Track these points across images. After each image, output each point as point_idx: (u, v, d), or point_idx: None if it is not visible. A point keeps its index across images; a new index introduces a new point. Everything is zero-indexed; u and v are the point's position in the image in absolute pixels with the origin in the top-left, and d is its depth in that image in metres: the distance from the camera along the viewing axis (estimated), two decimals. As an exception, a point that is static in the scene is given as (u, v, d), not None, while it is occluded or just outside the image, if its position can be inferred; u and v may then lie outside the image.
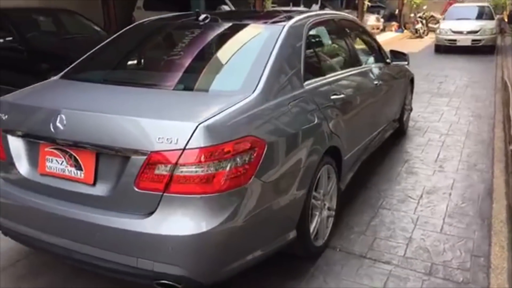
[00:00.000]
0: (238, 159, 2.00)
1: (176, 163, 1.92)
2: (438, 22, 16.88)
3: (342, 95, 2.96)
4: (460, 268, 2.71)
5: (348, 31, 3.76)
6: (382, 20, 19.98)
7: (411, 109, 5.59)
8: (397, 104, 4.67)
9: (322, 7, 16.23)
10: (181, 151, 1.91)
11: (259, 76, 2.36)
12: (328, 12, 4.09)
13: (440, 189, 3.84)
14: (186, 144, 1.91)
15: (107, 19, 10.50)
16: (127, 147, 2.00)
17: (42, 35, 6.72)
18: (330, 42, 3.58)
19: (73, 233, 2.15)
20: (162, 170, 1.94)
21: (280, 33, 2.66)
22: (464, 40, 13.29)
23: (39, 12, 7.43)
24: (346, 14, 3.98)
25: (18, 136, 2.33)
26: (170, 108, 2.20)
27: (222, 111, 2.07)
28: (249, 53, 2.64)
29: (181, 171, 1.93)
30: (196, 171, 1.92)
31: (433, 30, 16.39)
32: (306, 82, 2.68)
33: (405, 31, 20.98)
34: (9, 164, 2.35)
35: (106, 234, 2.04)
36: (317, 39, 3.24)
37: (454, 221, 3.27)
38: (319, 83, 2.82)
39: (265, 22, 3.00)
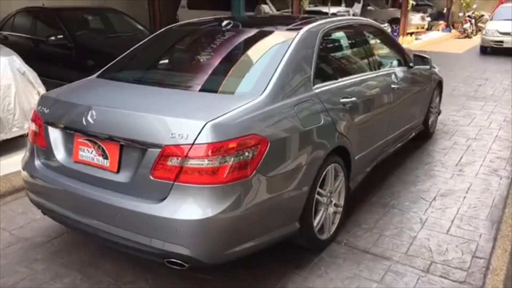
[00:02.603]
0: (241, 154, 2.23)
1: (186, 156, 2.18)
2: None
3: (352, 98, 3.11)
4: (458, 267, 2.82)
5: (367, 36, 3.89)
6: (428, 19, 19.51)
7: (438, 113, 5.61)
8: (420, 108, 4.73)
9: (365, 6, 16.14)
10: (190, 145, 2.17)
11: (269, 79, 2.59)
12: (347, 18, 4.23)
13: (455, 192, 3.90)
14: (195, 140, 2.17)
15: (152, 18, 11.00)
16: (145, 140, 2.28)
17: (90, 33, 7.17)
18: (345, 47, 3.73)
19: (99, 214, 2.45)
20: (174, 161, 2.20)
21: (293, 39, 2.87)
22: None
23: (87, 11, 7.95)
24: (367, 19, 4.10)
25: (57, 127, 2.66)
26: (185, 107, 2.46)
27: (230, 111, 2.31)
28: (262, 58, 2.87)
29: (190, 163, 2.18)
30: (203, 164, 2.17)
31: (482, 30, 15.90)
32: (316, 86, 2.87)
33: (453, 30, 20.41)
34: (49, 151, 2.69)
35: (126, 216, 2.33)
36: (331, 45, 3.41)
37: (463, 224, 3.36)
38: (329, 87, 2.99)
39: (282, 29, 3.21)
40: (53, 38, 6.66)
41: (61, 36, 6.66)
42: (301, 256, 2.91)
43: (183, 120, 2.26)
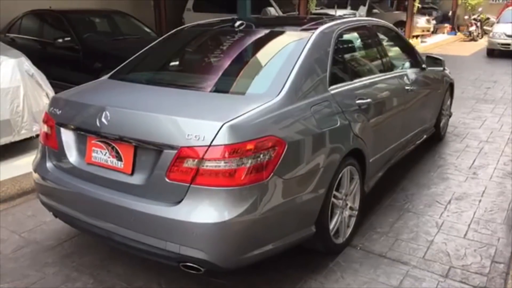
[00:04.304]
0: (258, 156, 2.18)
1: (202, 158, 2.13)
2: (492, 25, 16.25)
3: (368, 100, 3.06)
4: (478, 272, 2.75)
5: (380, 37, 3.84)
6: (433, 22, 19.44)
7: (450, 115, 5.55)
8: (432, 110, 4.68)
9: (370, 9, 16.09)
10: (207, 147, 2.12)
11: (285, 80, 2.54)
12: (360, 19, 4.19)
13: (470, 195, 3.84)
14: (212, 141, 2.12)
15: (158, 20, 10.99)
16: (160, 142, 2.23)
17: (97, 36, 7.16)
18: (359, 48, 3.68)
19: (113, 217, 2.40)
20: (190, 163, 2.16)
21: (308, 40, 2.82)
22: (519, 45, 12.76)
23: (94, 14, 7.94)
24: (380, 20, 4.05)
25: (69, 129, 2.62)
26: (201, 108, 2.42)
27: (246, 112, 2.26)
28: (277, 59, 2.82)
29: (207, 165, 2.13)
30: (220, 166, 2.13)
31: (488, 33, 15.82)
32: (332, 87, 2.82)
33: (458, 33, 20.33)
34: (61, 153, 2.65)
35: (140, 219, 2.28)
36: (346, 45, 3.36)
37: (480, 227, 3.29)
38: (344, 88, 2.95)
39: (296, 29, 3.17)
40: (60, 40, 6.64)
41: (68, 39, 6.65)
42: (316, 260, 2.85)
43: (200, 121, 2.22)
